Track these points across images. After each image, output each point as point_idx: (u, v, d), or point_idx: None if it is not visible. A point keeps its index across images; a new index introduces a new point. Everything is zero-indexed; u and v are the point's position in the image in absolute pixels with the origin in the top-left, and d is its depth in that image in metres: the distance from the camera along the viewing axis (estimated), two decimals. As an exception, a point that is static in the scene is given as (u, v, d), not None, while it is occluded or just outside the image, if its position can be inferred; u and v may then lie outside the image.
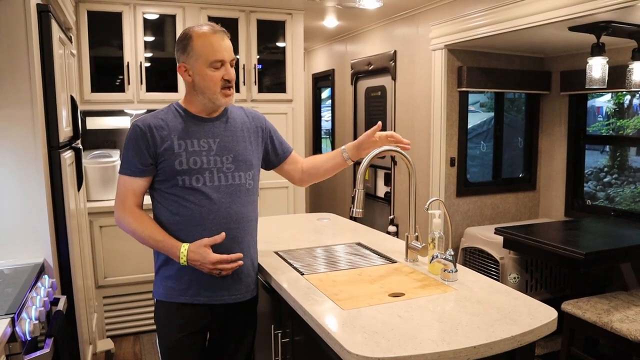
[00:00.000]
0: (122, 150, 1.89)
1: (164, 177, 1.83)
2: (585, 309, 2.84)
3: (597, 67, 3.18)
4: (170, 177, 1.82)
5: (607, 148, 4.40)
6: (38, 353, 1.62)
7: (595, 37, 3.14)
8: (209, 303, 1.88)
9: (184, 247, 1.78)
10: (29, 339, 1.61)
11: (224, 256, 1.80)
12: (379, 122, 2.05)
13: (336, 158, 2.11)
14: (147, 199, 1.88)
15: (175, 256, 1.79)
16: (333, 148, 6.13)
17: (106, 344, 3.39)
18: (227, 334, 2.01)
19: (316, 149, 6.72)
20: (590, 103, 4.22)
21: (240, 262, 1.85)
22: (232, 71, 1.84)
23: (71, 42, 3.08)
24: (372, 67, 5.06)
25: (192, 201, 1.82)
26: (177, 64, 1.87)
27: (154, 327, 2.00)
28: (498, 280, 3.30)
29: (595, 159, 4.40)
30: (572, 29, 3.13)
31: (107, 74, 3.86)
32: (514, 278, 3.66)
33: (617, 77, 3.45)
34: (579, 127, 4.17)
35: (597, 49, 3.17)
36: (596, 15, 2.81)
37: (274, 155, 2.10)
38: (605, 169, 4.37)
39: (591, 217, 3.92)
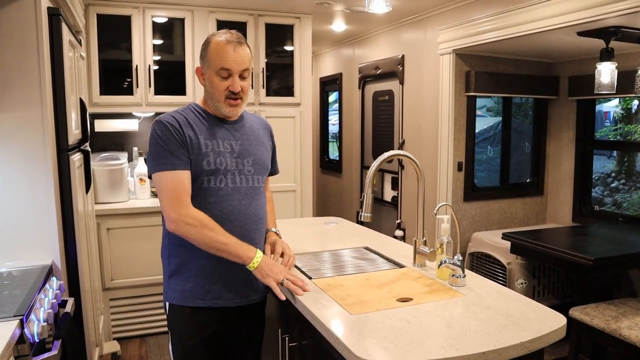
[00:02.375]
0: (149, 150, 1.83)
1: None
2: (593, 315, 2.82)
3: (606, 72, 3.17)
4: (195, 177, 1.81)
5: (615, 153, 4.38)
6: (46, 355, 1.62)
7: (604, 42, 3.13)
8: (225, 306, 1.88)
9: (259, 253, 1.79)
10: (37, 340, 1.62)
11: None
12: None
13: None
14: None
15: (247, 257, 1.76)
16: (340, 152, 6.14)
17: (112, 346, 3.39)
18: (237, 336, 2.01)
19: (323, 152, 6.72)
20: (597, 108, 4.20)
21: (302, 293, 1.79)
22: (243, 83, 1.83)
23: (81, 45, 3.10)
24: (379, 71, 5.06)
25: (214, 202, 1.83)
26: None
27: (161, 329, 2.01)
28: (505, 286, 3.28)
29: (602, 164, 4.38)
30: (580, 34, 3.12)
31: (115, 76, 3.88)
32: (521, 283, 3.64)
33: (626, 83, 3.43)
34: (586, 132, 4.16)
35: (606, 54, 3.16)
36: (605, 21, 2.81)
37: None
38: (613, 175, 4.35)
39: (599, 223, 3.89)
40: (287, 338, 1.89)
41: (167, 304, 1.91)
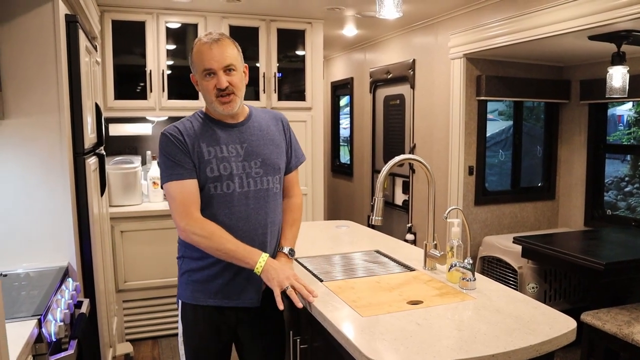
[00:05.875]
0: (158, 162, 1.87)
1: None
2: (605, 320, 2.81)
3: (618, 76, 3.16)
4: (202, 185, 1.83)
5: (628, 157, 4.35)
6: (63, 354, 1.65)
7: (616, 46, 3.13)
8: (228, 306, 1.89)
9: (263, 257, 1.78)
10: (54, 340, 1.65)
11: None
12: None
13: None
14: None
15: (253, 261, 1.77)
16: (351, 156, 6.15)
17: (125, 348, 3.43)
18: (254, 342, 1.99)
19: (334, 156, 6.74)
20: (610, 112, 4.19)
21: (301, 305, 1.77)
22: (231, 78, 1.82)
23: (96, 51, 3.15)
24: (390, 75, 5.08)
25: (223, 208, 1.83)
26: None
27: (173, 331, 2.03)
28: (516, 290, 3.28)
29: (615, 168, 4.36)
30: (592, 38, 3.11)
31: (130, 81, 3.94)
32: (533, 288, 3.63)
33: (638, 86, 3.42)
34: (598, 136, 4.14)
35: (618, 58, 3.16)
36: (616, 24, 2.80)
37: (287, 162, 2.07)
38: (627, 179, 4.32)
39: (611, 227, 3.87)
40: (298, 340, 1.91)
41: (181, 301, 1.97)
